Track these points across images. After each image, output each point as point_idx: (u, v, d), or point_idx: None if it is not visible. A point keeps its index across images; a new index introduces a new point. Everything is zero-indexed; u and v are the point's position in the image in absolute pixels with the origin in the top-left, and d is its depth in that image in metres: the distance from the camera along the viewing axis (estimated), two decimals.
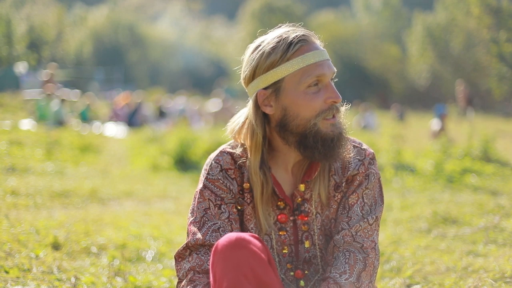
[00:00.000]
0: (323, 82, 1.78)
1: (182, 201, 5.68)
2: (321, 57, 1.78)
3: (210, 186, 1.85)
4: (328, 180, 1.88)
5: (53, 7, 38.30)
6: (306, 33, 1.81)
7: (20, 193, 5.08)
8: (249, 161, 1.85)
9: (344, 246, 1.80)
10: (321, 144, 1.77)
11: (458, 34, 30.71)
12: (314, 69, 1.76)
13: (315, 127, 1.76)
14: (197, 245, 1.79)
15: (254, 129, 1.82)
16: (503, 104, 27.75)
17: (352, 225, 1.81)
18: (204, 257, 1.77)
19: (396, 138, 8.80)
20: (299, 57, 1.77)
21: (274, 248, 1.88)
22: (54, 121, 13.22)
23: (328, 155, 1.78)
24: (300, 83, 1.76)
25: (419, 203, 5.22)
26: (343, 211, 1.86)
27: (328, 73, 1.78)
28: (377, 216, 1.85)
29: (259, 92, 1.81)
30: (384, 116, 21.21)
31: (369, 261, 1.78)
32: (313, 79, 1.76)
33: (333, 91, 1.77)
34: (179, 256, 1.83)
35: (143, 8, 51.80)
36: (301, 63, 1.76)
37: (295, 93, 1.77)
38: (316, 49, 1.79)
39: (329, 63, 1.80)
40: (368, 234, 1.82)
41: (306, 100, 1.76)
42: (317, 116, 1.76)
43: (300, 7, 39.02)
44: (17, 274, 2.68)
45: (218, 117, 15.18)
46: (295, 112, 1.77)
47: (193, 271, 1.76)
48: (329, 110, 1.76)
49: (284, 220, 1.87)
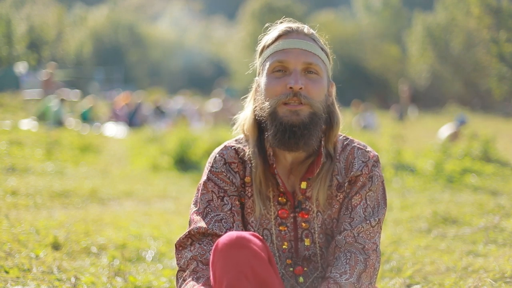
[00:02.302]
0: (289, 69, 1.80)
1: (182, 201, 5.68)
2: (292, 45, 1.82)
3: (213, 178, 1.88)
4: (330, 180, 1.88)
5: (53, 7, 38.28)
6: (298, 27, 1.87)
7: (20, 193, 5.08)
8: (249, 147, 1.89)
9: (346, 247, 1.80)
10: (278, 129, 1.78)
11: (458, 34, 30.69)
12: (279, 54, 1.82)
13: (274, 110, 1.79)
14: (200, 234, 1.80)
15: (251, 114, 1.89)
16: (503, 104, 27.73)
17: (354, 226, 1.82)
18: (207, 246, 1.78)
19: (396, 138, 8.78)
20: (275, 43, 1.85)
21: (274, 243, 1.89)
22: (54, 121, 13.22)
23: (285, 142, 1.78)
24: (268, 67, 1.83)
25: (419, 203, 5.22)
26: (346, 212, 1.86)
27: (294, 61, 1.80)
28: (379, 219, 1.85)
29: (255, 79, 1.92)
30: (384, 116, 21.20)
31: (370, 263, 1.79)
32: (275, 63, 1.82)
33: (293, 77, 1.78)
34: (180, 244, 1.84)
35: (143, 8, 51.80)
36: (273, 49, 1.84)
37: (264, 77, 1.85)
38: (293, 38, 1.83)
39: (300, 53, 1.81)
40: (370, 236, 1.82)
41: (269, 83, 1.82)
42: (278, 98, 1.79)
43: (300, 7, 39.00)
44: (17, 274, 2.68)
45: (218, 117, 15.18)
46: (263, 95, 1.83)
47: (196, 260, 1.77)
48: (287, 94, 1.78)
49: (285, 215, 1.88)
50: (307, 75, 1.81)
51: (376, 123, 16.27)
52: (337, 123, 1.88)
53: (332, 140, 1.89)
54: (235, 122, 1.96)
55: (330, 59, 1.92)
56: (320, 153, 1.86)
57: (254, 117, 1.87)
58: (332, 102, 1.91)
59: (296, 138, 1.77)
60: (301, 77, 1.79)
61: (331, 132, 1.88)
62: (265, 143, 1.87)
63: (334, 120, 1.88)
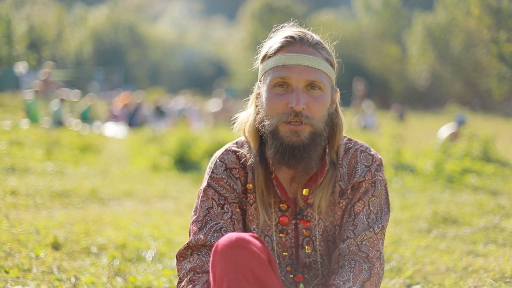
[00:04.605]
0: (291, 85, 1.75)
1: (182, 201, 5.67)
2: (295, 61, 1.75)
3: (214, 185, 1.85)
4: (333, 187, 1.85)
5: (53, 7, 38.21)
6: (301, 37, 1.80)
7: (20, 193, 5.08)
8: (250, 154, 1.86)
9: (350, 256, 1.79)
10: (278, 149, 1.75)
11: (458, 34, 30.67)
12: (282, 70, 1.76)
13: (276, 129, 1.76)
14: (198, 245, 1.79)
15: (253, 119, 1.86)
16: (503, 104, 27.72)
17: (358, 234, 1.80)
18: (205, 258, 1.77)
19: (396, 138, 8.77)
20: (277, 55, 1.79)
21: (275, 250, 1.88)
22: (54, 121, 13.20)
23: (285, 163, 1.76)
24: (269, 81, 1.78)
25: (419, 203, 5.22)
26: (349, 219, 1.84)
27: (296, 78, 1.74)
28: (383, 225, 1.83)
29: (257, 84, 1.88)
30: (384, 116, 21.19)
31: (375, 271, 1.78)
32: (277, 79, 1.76)
33: (295, 97, 1.73)
34: (180, 255, 1.83)
35: (143, 8, 51.79)
36: (275, 62, 1.78)
37: (265, 90, 1.80)
38: (296, 52, 1.77)
39: (303, 70, 1.75)
40: (373, 243, 1.80)
41: (271, 99, 1.77)
42: (279, 117, 1.75)
43: (300, 7, 38.97)
44: (17, 274, 2.68)
45: (218, 117, 15.17)
46: (265, 111, 1.80)
47: (194, 271, 1.77)
48: (288, 114, 1.74)
49: (286, 222, 1.86)
50: (309, 91, 1.76)
51: (376, 123, 16.27)
52: (340, 130, 1.85)
53: (336, 146, 1.86)
54: (235, 121, 1.94)
55: (335, 67, 1.87)
56: (325, 163, 1.83)
57: (255, 124, 1.84)
58: (336, 109, 1.87)
59: (296, 159, 1.75)
60: (303, 96, 1.74)
61: (334, 139, 1.85)
62: (266, 150, 1.83)
63: (337, 127, 1.85)
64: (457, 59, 31.04)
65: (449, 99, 29.31)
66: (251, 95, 1.92)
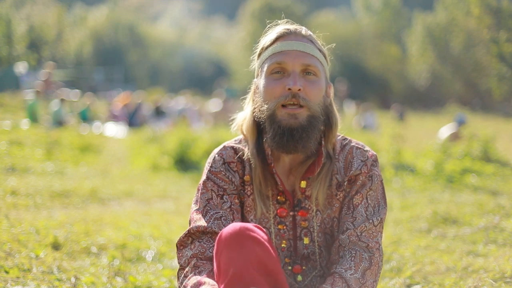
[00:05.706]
0: (288, 70, 1.81)
1: (182, 201, 5.67)
2: (290, 46, 1.82)
3: (213, 178, 1.90)
4: (330, 180, 1.89)
5: (53, 7, 38.22)
6: (296, 28, 1.88)
7: (20, 193, 5.08)
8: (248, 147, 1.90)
9: (350, 245, 1.82)
10: (276, 132, 1.79)
11: (458, 34, 30.69)
12: (278, 56, 1.83)
13: (273, 113, 1.80)
14: (199, 232, 1.81)
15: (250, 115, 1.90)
16: (503, 104, 27.74)
17: (357, 226, 1.83)
18: (207, 244, 1.79)
19: (396, 138, 8.78)
20: (273, 45, 1.86)
21: (273, 241, 1.90)
22: (54, 121, 13.20)
23: (283, 145, 1.79)
24: (266, 69, 1.84)
25: (419, 203, 5.22)
26: (348, 211, 1.87)
27: (292, 62, 1.80)
28: (381, 218, 1.87)
29: (254, 81, 1.93)
30: (384, 116, 21.20)
31: (375, 260, 1.80)
32: (274, 65, 1.82)
33: (291, 79, 1.79)
34: (180, 244, 1.85)
35: (143, 8, 51.80)
36: (271, 50, 1.85)
37: (262, 78, 1.85)
38: (291, 40, 1.84)
39: (299, 54, 1.81)
40: (372, 235, 1.83)
41: (268, 85, 1.82)
42: (277, 101, 1.80)
43: (300, 7, 38.97)
44: (17, 274, 2.68)
45: (218, 117, 15.18)
46: (262, 97, 1.84)
47: (196, 257, 1.78)
48: (286, 96, 1.79)
49: (284, 214, 1.89)
50: (305, 76, 1.82)
51: (376, 123, 16.27)
52: (335, 124, 1.90)
53: (331, 140, 1.91)
54: (233, 121, 1.98)
55: (328, 60, 1.93)
56: (321, 153, 1.87)
57: (253, 118, 1.89)
58: (330, 103, 1.92)
59: (294, 141, 1.78)
60: (300, 79, 1.80)
61: (330, 133, 1.90)
62: (263, 143, 1.88)
63: (332, 121, 1.90)
64: (457, 59, 31.06)
65: (449, 99, 29.33)
66: (248, 94, 1.96)
